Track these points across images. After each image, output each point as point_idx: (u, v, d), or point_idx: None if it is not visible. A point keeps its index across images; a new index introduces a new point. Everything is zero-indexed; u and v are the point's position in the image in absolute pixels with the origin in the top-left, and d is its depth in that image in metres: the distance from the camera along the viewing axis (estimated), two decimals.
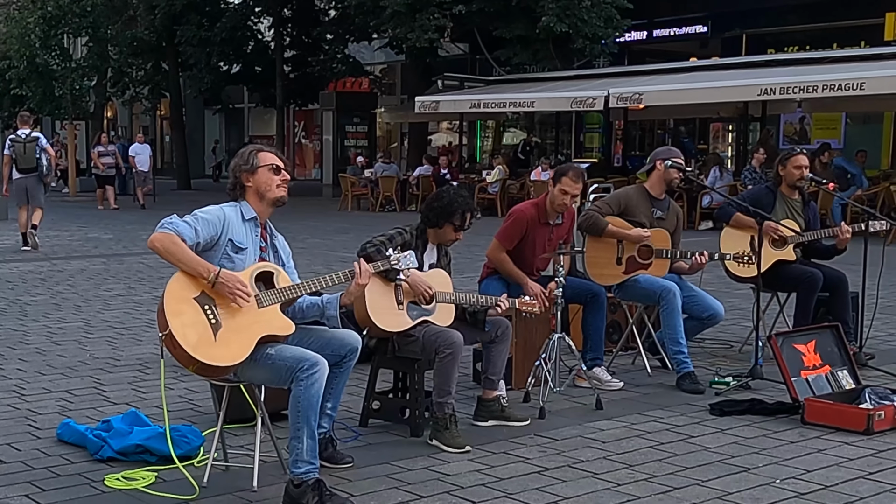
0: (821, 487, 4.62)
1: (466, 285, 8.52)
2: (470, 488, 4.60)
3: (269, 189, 4.59)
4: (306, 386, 4.24)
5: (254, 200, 4.60)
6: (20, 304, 9.93)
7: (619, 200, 6.97)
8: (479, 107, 23.09)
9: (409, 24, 23.24)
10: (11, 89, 29.91)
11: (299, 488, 4.24)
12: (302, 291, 4.53)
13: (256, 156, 4.62)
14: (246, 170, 4.59)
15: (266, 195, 4.59)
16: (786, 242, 7.22)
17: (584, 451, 5.20)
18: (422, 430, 5.39)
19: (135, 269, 12.70)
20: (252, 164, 4.59)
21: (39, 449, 5.14)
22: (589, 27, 22.21)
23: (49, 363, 7.22)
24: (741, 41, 24.19)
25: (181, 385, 6.43)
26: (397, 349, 5.42)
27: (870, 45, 20.61)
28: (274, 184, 4.59)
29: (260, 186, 4.58)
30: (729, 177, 19.61)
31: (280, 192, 4.62)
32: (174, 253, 4.30)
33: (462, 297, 5.54)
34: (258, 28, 31.87)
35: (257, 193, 4.59)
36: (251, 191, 4.60)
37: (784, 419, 5.78)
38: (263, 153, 4.65)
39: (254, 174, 4.58)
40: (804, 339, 6.15)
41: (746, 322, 8.30)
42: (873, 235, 7.41)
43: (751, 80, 18.22)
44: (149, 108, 38.49)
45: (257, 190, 4.59)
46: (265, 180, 4.58)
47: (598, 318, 6.55)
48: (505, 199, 22.19)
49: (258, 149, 4.70)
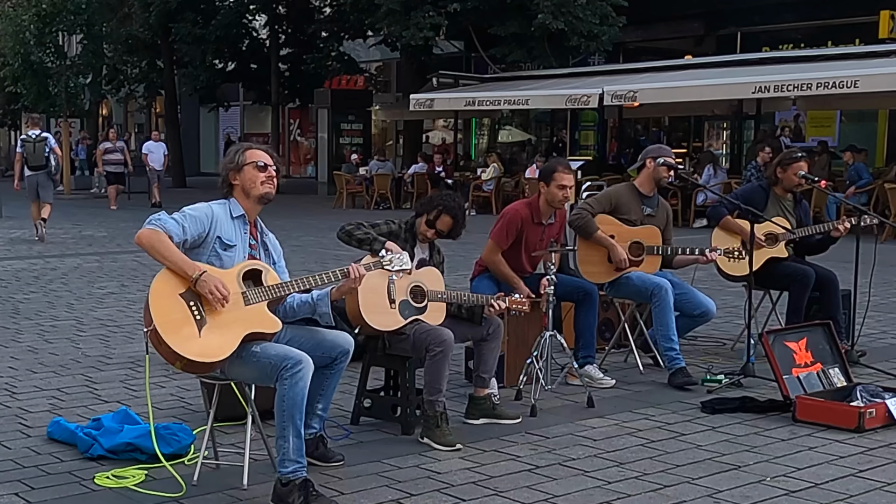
0: (811, 485, 4.63)
1: (460, 283, 8.51)
2: (461, 486, 4.60)
3: (254, 186, 4.59)
4: (291, 385, 4.23)
5: (241, 198, 4.61)
6: (13, 301, 9.92)
7: (609, 198, 6.98)
8: (473, 104, 23.09)
9: (403, 21, 23.22)
10: (6, 87, 29.90)
11: (286, 487, 4.24)
12: (290, 290, 4.53)
13: (243, 154, 4.64)
14: (232, 168, 4.61)
15: (251, 192, 4.59)
16: (777, 240, 7.23)
17: (575, 448, 5.20)
18: (413, 427, 5.39)
19: (128, 267, 12.69)
20: (237, 163, 4.61)
21: (30, 447, 5.14)
22: (584, 25, 22.19)
23: (41, 361, 7.21)
24: (736, 39, 24.18)
25: (172, 383, 6.42)
26: (388, 346, 5.42)
27: (864, 42, 20.61)
28: (258, 181, 4.59)
29: (245, 184, 4.59)
30: (723, 174, 19.60)
31: (265, 189, 4.61)
32: (160, 250, 4.30)
33: (454, 295, 5.54)
34: (253, 26, 31.80)
35: (243, 191, 4.60)
36: (238, 189, 4.62)
37: (775, 417, 5.78)
38: (251, 151, 4.66)
39: (239, 172, 4.60)
40: (796, 337, 6.16)
41: (738, 320, 8.30)
42: (866, 233, 7.41)
43: (745, 78, 18.21)
44: (143, 105, 38.45)
45: (243, 187, 4.60)
46: (250, 178, 4.59)
47: (590, 316, 6.56)
48: (500, 197, 22.19)
49: (246, 147, 4.71)
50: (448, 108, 24.77)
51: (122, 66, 33.46)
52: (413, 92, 24.56)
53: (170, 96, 34.02)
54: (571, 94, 20.59)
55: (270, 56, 30.87)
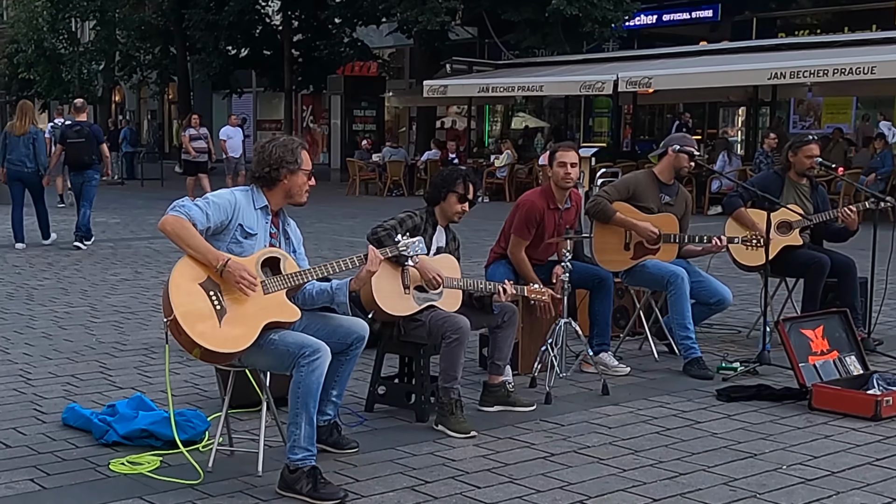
0: (828, 473, 4.60)
1: (474, 270, 8.50)
2: (475, 473, 4.59)
3: (300, 193, 4.55)
4: (307, 372, 4.22)
5: (276, 195, 4.53)
6: (27, 288, 9.94)
7: (627, 185, 6.94)
8: (487, 91, 23.02)
9: (419, 6, 23.15)
10: (19, 73, 29.97)
11: (294, 474, 4.23)
12: (309, 277, 4.51)
13: (301, 155, 4.53)
14: (291, 168, 4.50)
15: (294, 197, 4.55)
16: (791, 228, 7.19)
17: (590, 436, 5.19)
18: (427, 415, 5.38)
19: (142, 254, 12.70)
20: (298, 164, 4.51)
21: (45, 433, 5.15)
22: (598, 10, 22.09)
23: (55, 347, 7.23)
24: (751, 25, 24.05)
25: (187, 370, 6.42)
26: (403, 333, 5.41)
27: (881, 28, 20.47)
28: (305, 188, 4.56)
29: (294, 188, 4.53)
30: (738, 162, 19.49)
31: (305, 198, 4.60)
32: (184, 238, 4.27)
33: (469, 282, 5.52)
34: (266, 12, 31.76)
35: (287, 191, 4.53)
36: (282, 186, 4.52)
37: (791, 405, 5.75)
38: (305, 153, 4.57)
39: (294, 174, 4.51)
40: (812, 325, 6.12)
41: (754, 307, 8.27)
42: (883, 221, 7.35)
43: (761, 65, 18.10)
44: (156, 92, 38.47)
45: (290, 189, 4.53)
46: (300, 183, 4.54)
47: (605, 304, 6.54)
48: (513, 184, 22.15)
49: (301, 145, 4.58)
50: (462, 95, 24.70)
51: (135, 52, 33.45)
52: (426, 78, 24.51)
53: (183, 83, 34.04)
54: (586, 81, 20.52)
55: (283, 42, 30.84)
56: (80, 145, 13.21)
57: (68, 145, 13.30)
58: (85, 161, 13.28)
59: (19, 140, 12.78)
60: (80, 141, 13.21)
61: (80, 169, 13.43)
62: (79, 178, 13.51)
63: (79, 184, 13.55)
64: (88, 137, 13.25)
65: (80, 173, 13.48)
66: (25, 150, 12.78)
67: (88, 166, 13.34)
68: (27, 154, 12.79)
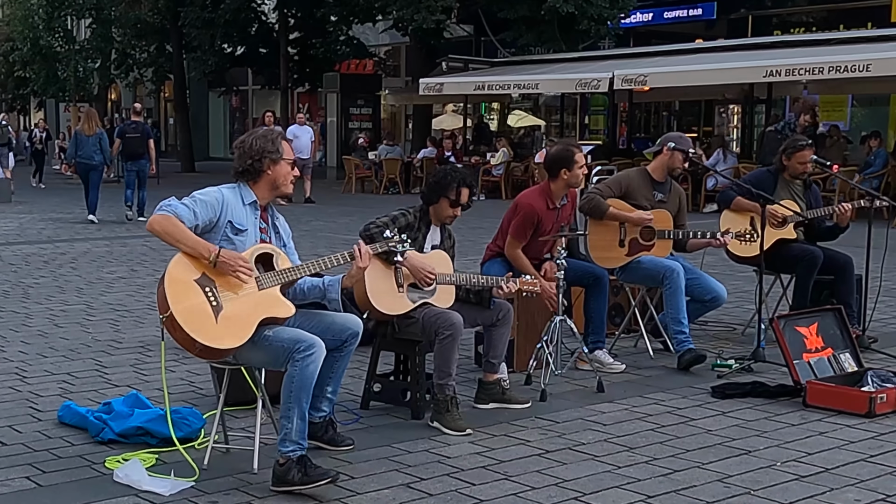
0: (822, 470, 4.62)
1: (469, 267, 8.49)
2: (470, 470, 4.60)
3: (285, 183, 4.55)
4: (301, 367, 4.23)
5: (263, 187, 4.54)
6: (23, 286, 9.94)
7: (620, 183, 6.95)
8: (483, 88, 23.02)
9: (414, 4, 23.14)
10: (15, 71, 29.92)
11: (283, 466, 4.25)
12: (302, 273, 4.52)
13: (282, 145, 4.53)
14: (273, 157, 4.50)
15: (280, 187, 4.55)
16: (785, 222, 7.22)
17: (585, 433, 5.20)
18: (423, 412, 5.39)
19: (138, 252, 12.70)
20: (280, 153, 4.51)
21: (40, 431, 5.15)
22: (594, 8, 22.11)
23: (51, 345, 7.23)
24: (747, 23, 24.05)
25: (182, 367, 6.43)
26: (397, 331, 5.41)
27: (876, 26, 20.48)
28: (289, 178, 4.56)
29: (279, 178, 4.53)
30: (733, 159, 19.50)
31: (291, 188, 4.61)
32: (174, 234, 4.28)
33: (462, 277, 5.53)
34: (262, 9, 31.72)
35: (272, 182, 4.53)
36: (267, 178, 4.52)
37: (786, 402, 5.77)
38: (286, 143, 4.57)
39: (277, 164, 4.51)
40: (806, 322, 6.14)
41: (749, 304, 8.28)
42: (878, 219, 7.37)
43: (756, 62, 18.10)
44: (152, 90, 38.40)
45: (275, 180, 4.52)
46: (284, 173, 4.54)
47: (601, 301, 6.55)
48: (509, 182, 22.14)
49: (281, 135, 4.59)
50: (458, 93, 24.68)
51: (130, 50, 33.39)
52: (422, 76, 24.50)
53: (179, 81, 33.97)
54: (582, 79, 20.52)
55: (279, 40, 30.78)
56: (136, 140, 16.68)
57: (126, 139, 16.71)
58: (139, 152, 16.67)
59: (88, 140, 16.18)
60: (136, 136, 16.70)
61: (135, 159, 16.73)
62: (135, 166, 16.73)
63: (135, 171, 16.76)
64: (143, 133, 16.84)
65: (135, 162, 16.74)
66: (94, 148, 16.21)
67: (141, 156, 16.68)
68: (95, 150, 16.22)
